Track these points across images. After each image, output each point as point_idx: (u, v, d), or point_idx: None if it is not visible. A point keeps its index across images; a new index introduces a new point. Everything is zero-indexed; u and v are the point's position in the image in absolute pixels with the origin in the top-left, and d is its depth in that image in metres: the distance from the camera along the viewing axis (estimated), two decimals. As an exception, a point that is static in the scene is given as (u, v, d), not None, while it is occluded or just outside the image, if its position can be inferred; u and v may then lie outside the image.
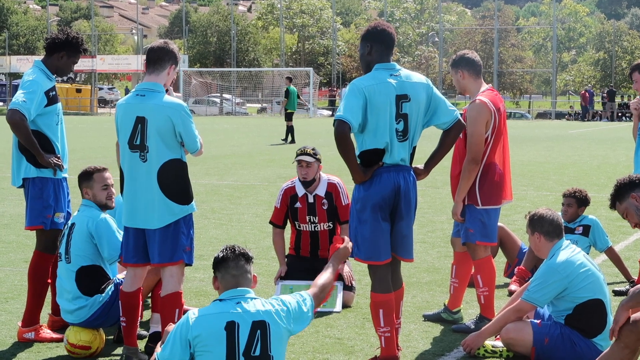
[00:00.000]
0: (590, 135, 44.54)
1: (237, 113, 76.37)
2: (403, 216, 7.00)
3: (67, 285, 7.71)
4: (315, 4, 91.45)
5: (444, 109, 7.10)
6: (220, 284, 5.76)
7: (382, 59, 7.03)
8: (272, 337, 5.59)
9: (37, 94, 7.68)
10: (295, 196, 9.57)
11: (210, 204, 16.81)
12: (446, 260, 11.29)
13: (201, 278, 10.39)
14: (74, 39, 7.94)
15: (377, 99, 6.85)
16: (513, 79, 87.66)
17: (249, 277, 5.75)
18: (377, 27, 7.10)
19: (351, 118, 6.75)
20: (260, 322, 5.59)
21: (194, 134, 7.02)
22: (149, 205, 6.99)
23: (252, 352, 5.52)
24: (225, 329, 5.53)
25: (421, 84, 7.03)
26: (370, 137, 6.90)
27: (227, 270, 5.75)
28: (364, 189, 6.94)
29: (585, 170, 24.12)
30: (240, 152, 30.23)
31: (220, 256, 5.82)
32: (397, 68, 7.02)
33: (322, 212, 9.50)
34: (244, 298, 5.68)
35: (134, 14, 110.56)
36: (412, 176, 7.03)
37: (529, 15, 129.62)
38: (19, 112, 7.56)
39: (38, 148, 7.68)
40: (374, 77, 6.94)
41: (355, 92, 6.86)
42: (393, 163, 6.93)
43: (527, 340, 7.30)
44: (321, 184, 9.53)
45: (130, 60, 78.76)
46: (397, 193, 6.93)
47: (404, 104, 6.91)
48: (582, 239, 10.14)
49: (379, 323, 7.07)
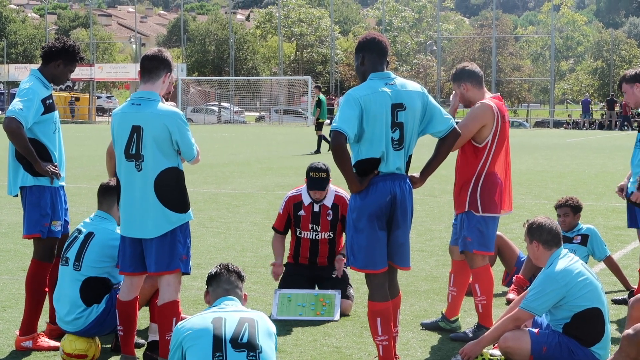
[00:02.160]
0: (589, 143, 44.56)
1: (236, 121, 76.36)
2: (399, 225, 7.01)
3: (70, 291, 7.70)
4: (313, 13, 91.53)
5: (439, 118, 7.11)
6: (211, 297, 6.01)
7: (376, 68, 7.05)
8: (259, 331, 5.70)
9: (34, 102, 7.68)
10: (299, 204, 9.57)
11: (208, 212, 16.80)
12: (444, 269, 11.28)
13: (199, 287, 10.38)
14: (70, 47, 7.95)
15: (373, 108, 6.86)
16: (511, 88, 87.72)
17: (239, 292, 6.00)
18: (367, 37, 7.15)
19: (347, 129, 6.76)
20: (248, 318, 5.73)
21: (191, 141, 7.03)
22: (146, 214, 6.98)
23: (240, 340, 5.61)
24: (212, 322, 5.71)
25: (416, 92, 7.04)
26: (366, 146, 6.91)
27: (219, 284, 6.06)
28: (360, 198, 6.95)
29: (583, 179, 24.13)
30: (239, 161, 30.22)
31: (213, 272, 6.03)
32: (392, 77, 7.04)
33: (325, 222, 9.50)
34: (234, 302, 5.88)
35: (132, 23, 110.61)
36: (408, 185, 7.04)
37: (527, 24, 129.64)
38: (15, 120, 7.55)
39: (35, 156, 7.67)
40: (369, 87, 6.95)
41: (350, 102, 6.88)
42: (389, 172, 6.94)
43: (525, 348, 7.29)
44: (329, 194, 9.54)
45: (128, 69, 78.69)
46: (393, 202, 6.93)
47: (399, 113, 6.92)
48: (581, 248, 10.13)
49: (376, 332, 7.07)
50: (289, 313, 9.08)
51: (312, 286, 9.60)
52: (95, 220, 7.94)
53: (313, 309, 9.10)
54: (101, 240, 7.75)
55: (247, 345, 5.63)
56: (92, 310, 7.67)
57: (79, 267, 7.72)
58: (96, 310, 7.68)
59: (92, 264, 7.71)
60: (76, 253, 7.76)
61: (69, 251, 7.82)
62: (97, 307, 7.69)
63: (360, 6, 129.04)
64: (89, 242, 7.76)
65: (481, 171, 8.19)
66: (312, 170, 9.46)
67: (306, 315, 9.05)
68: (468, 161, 8.22)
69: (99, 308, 7.69)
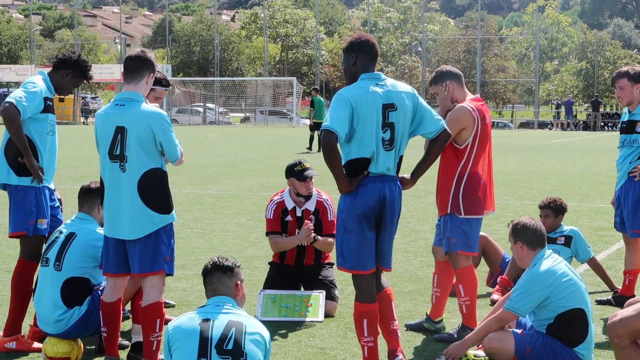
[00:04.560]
0: (573, 144, 44.69)
1: (221, 122, 76.29)
2: (387, 226, 7.02)
3: (51, 292, 7.67)
4: (298, 14, 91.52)
5: (430, 119, 7.12)
6: (206, 295, 6.02)
7: (367, 69, 7.06)
8: (246, 336, 5.68)
9: (37, 95, 7.76)
10: (285, 210, 9.53)
11: (193, 213, 16.77)
12: (428, 270, 11.28)
13: (183, 288, 10.36)
14: (83, 62, 8.06)
15: (364, 108, 6.87)
16: (496, 89, 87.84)
17: (230, 289, 5.98)
18: (360, 38, 7.14)
19: (338, 128, 6.77)
20: (236, 322, 5.70)
21: (174, 142, 7.02)
22: (129, 215, 6.97)
23: (225, 346, 5.60)
24: (199, 325, 5.71)
25: (407, 93, 7.05)
26: (356, 146, 6.91)
27: (208, 283, 5.97)
28: (349, 198, 6.95)
29: (567, 180, 24.18)
30: (224, 162, 30.19)
31: (204, 269, 6.02)
32: (382, 77, 7.05)
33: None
34: (223, 303, 5.85)
35: (117, 23, 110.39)
36: (398, 186, 7.05)
37: (512, 25, 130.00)
38: (14, 106, 7.60)
39: (27, 146, 7.69)
40: (360, 87, 6.96)
41: (341, 102, 6.88)
42: (379, 173, 6.94)
43: (509, 349, 7.30)
44: (311, 198, 9.52)
45: (113, 70, 78.54)
46: (382, 203, 6.94)
47: (390, 113, 6.93)
48: (564, 250, 10.15)
49: (362, 333, 7.07)
50: (274, 314, 9.07)
51: (297, 287, 9.59)
52: (76, 222, 7.92)
53: (297, 310, 9.09)
54: (84, 240, 7.73)
55: (231, 352, 5.62)
56: (74, 313, 7.64)
57: (59, 267, 7.69)
58: (78, 312, 7.65)
59: (73, 263, 7.67)
60: (57, 253, 7.73)
61: (49, 252, 7.80)
62: (79, 309, 7.66)
63: (345, 7, 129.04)
64: (70, 242, 7.73)
65: (462, 173, 8.19)
66: (295, 166, 9.45)
67: (290, 316, 9.04)
68: (450, 163, 8.22)
69: (81, 310, 7.66)
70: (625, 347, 6.43)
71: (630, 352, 6.43)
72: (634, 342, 6.44)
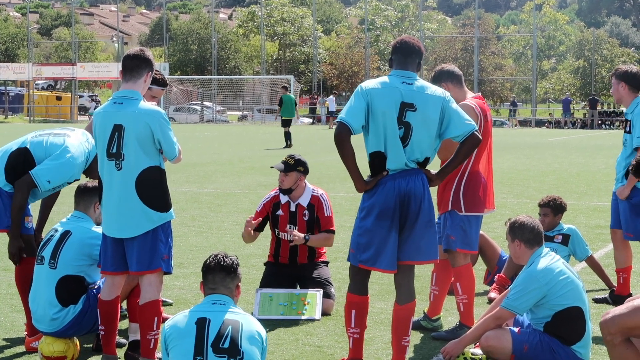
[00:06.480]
0: (571, 143, 44.70)
1: (218, 121, 76.26)
2: (415, 219, 6.96)
3: (45, 291, 7.65)
4: (296, 12, 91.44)
5: (457, 122, 7.08)
6: (204, 291, 5.99)
7: (400, 67, 7.11)
8: (243, 334, 5.68)
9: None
10: (278, 204, 9.55)
11: (190, 211, 16.77)
12: (426, 268, 11.24)
13: (181, 286, 10.36)
14: None
15: (379, 102, 6.91)
16: (493, 87, 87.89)
17: (230, 289, 5.99)
18: (396, 40, 7.25)
19: (351, 120, 6.82)
20: (233, 320, 5.69)
21: (172, 140, 7.01)
22: (127, 213, 6.96)
23: (221, 345, 5.60)
24: (196, 323, 5.71)
25: (436, 96, 7.04)
26: (372, 139, 6.95)
27: (209, 279, 5.95)
28: (368, 197, 7.00)
29: (565, 178, 24.19)
30: (221, 160, 30.18)
31: (206, 264, 6.01)
32: (413, 77, 7.06)
33: (302, 222, 9.47)
34: (221, 301, 5.84)
35: (114, 22, 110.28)
36: (421, 178, 6.99)
37: (510, 24, 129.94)
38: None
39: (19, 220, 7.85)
40: (382, 82, 7.03)
41: (358, 93, 6.97)
42: (397, 168, 6.94)
43: (506, 347, 7.30)
44: (305, 194, 9.51)
45: (110, 68, 78.40)
46: (403, 199, 6.92)
47: (408, 112, 6.94)
48: (562, 248, 10.14)
49: (350, 323, 7.13)
50: (271, 312, 9.06)
51: (293, 285, 9.59)
52: (71, 220, 7.91)
53: (295, 308, 9.09)
54: (79, 238, 7.71)
55: (228, 350, 5.62)
56: (69, 311, 7.62)
57: (54, 265, 7.67)
58: (73, 311, 7.63)
59: (68, 261, 7.65)
60: (52, 251, 7.71)
61: (44, 250, 7.78)
62: (74, 308, 7.64)
63: (342, 5, 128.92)
64: (65, 240, 7.72)
65: (464, 170, 8.19)
66: (286, 156, 9.51)
67: (288, 315, 9.03)
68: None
69: (76, 309, 7.64)
70: (617, 345, 6.43)
71: (622, 350, 6.44)
72: (626, 340, 6.44)
